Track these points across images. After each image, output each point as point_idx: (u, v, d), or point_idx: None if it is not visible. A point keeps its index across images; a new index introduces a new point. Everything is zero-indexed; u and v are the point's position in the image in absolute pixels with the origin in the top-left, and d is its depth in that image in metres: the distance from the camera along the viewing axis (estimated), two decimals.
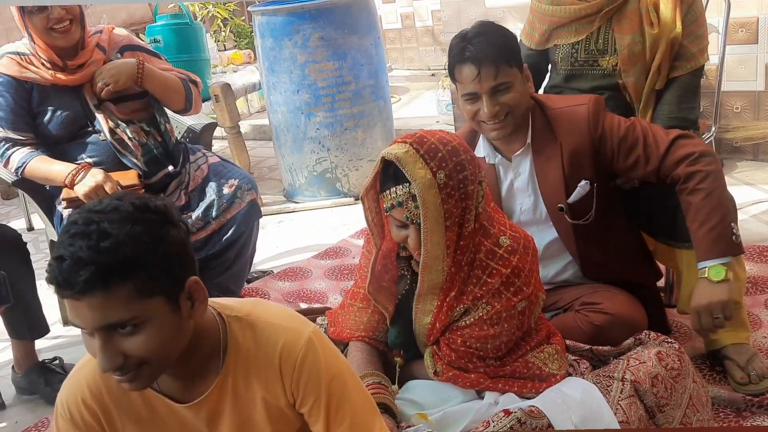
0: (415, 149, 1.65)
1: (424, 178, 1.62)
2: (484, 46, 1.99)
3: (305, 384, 1.32)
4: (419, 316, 1.81)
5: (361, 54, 4.19)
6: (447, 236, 1.68)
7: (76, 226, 1.13)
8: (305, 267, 3.35)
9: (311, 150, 4.26)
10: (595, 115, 2.07)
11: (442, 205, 1.65)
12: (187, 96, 2.75)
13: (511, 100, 2.02)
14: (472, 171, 1.68)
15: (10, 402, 2.61)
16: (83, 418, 1.33)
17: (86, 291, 1.10)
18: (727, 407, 2.13)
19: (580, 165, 2.08)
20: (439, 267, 1.71)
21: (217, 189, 2.72)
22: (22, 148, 2.56)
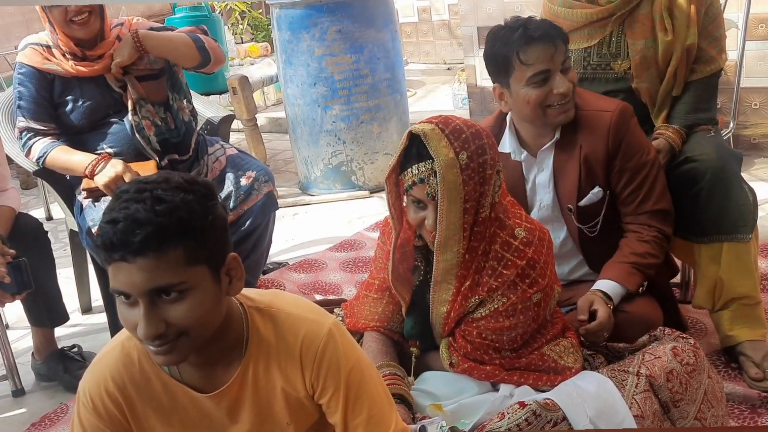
0: (440, 128, 1.67)
1: (447, 157, 1.65)
2: (547, 25, 2.01)
3: (325, 375, 1.33)
4: (436, 305, 1.82)
5: (378, 47, 4.20)
6: (464, 218, 1.70)
7: (128, 194, 1.16)
8: (320, 259, 3.36)
9: (327, 143, 4.28)
10: (617, 126, 2.07)
11: (463, 186, 1.67)
12: (199, 47, 2.66)
13: (574, 77, 2.06)
14: (492, 156, 1.71)
15: (29, 388, 2.65)
16: (106, 408, 1.34)
17: (140, 251, 1.12)
18: (742, 404, 2.13)
19: (594, 171, 2.10)
20: (455, 248, 1.73)
21: (234, 180, 2.74)
22: (44, 138, 2.58)
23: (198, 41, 2.66)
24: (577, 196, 2.11)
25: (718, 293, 2.25)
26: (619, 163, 2.08)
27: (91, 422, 1.35)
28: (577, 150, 2.09)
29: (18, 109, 2.59)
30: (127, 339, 1.34)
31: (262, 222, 2.77)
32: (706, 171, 2.15)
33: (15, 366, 2.61)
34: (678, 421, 1.82)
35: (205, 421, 1.37)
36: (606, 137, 2.07)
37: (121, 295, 1.18)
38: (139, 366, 1.33)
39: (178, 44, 2.63)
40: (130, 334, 1.24)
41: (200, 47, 2.67)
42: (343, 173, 4.32)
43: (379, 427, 1.36)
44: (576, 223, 2.13)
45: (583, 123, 2.10)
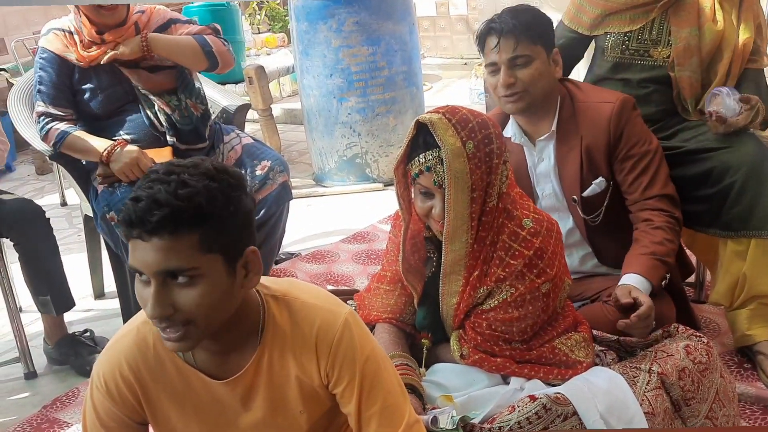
0: (447, 118, 1.68)
1: (454, 146, 1.65)
2: (509, 19, 2.05)
3: (341, 365, 1.33)
4: (446, 297, 1.82)
5: (395, 40, 4.19)
6: (472, 208, 1.70)
7: (157, 174, 1.17)
8: (333, 250, 3.37)
9: (342, 135, 4.28)
10: (617, 116, 2.09)
11: (470, 175, 1.67)
12: (207, 52, 2.67)
13: (528, 75, 2.06)
14: (498, 146, 1.71)
15: (41, 371, 2.67)
16: (119, 391, 1.34)
17: (155, 231, 1.13)
18: (754, 404, 2.12)
19: (596, 162, 2.11)
20: (463, 238, 1.73)
21: (249, 170, 2.74)
22: (61, 123, 2.60)
23: (206, 46, 2.67)
24: (580, 187, 2.12)
25: (739, 290, 2.23)
26: (621, 152, 2.10)
27: (104, 405, 1.36)
28: (578, 141, 2.11)
29: (38, 94, 2.60)
30: (143, 323, 1.34)
31: (276, 212, 2.78)
32: (741, 163, 2.12)
33: (28, 349, 2.63)
34: (689, 420, 1.82)
35: (218, 407, 1.37)
36: (607, 128, 2.09)
37: (137, 272, 1.19)
38: (154, 350, 1.33)
39: (185, 49, 2.65)
40: (146, 317, 1.25)
41: (207, 52, 2.68)
42: (358, 165, 4.32)
43: (393, 417, 1.36)
44: (581, 214, 2.14)
45: (584, 114, 2.13)
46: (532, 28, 2.05)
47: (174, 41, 2.66)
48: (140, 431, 1.41)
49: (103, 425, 1.37)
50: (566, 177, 2.15)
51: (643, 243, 2.05)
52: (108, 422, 1.37)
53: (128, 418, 1.37)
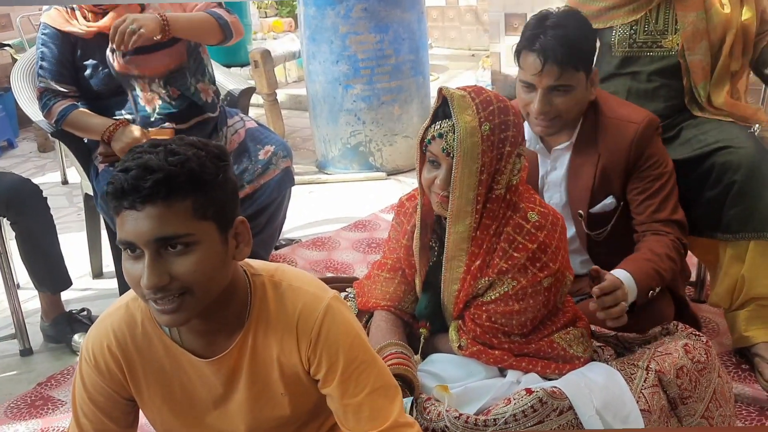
0: (471, 97, 1.67)
1: (469, 124, 1.65)
2: (557, 42, 1.92)
3: (321, 349, 1.31)
4: (447, 284, 1.80)
5: (403, 28, 4.16)
6: (478, 190, 1.69)
7: (142, 147, 1.18)
8: (333, 238, 3.36)
9: (346, 122, 4.26)
10: (640, 139, 2.03)
11: (481, 156, 1.66)
12: (222, 24, 2.63)
13: (565, 103, 1.99)
14: (514, 134, 1.69)
15: (37, 349, 2.67)
16: (107, 365, 1.34)
17: (149, 198, 1.12)
18: (750, 405, 2.12)
19: (610, 180, 2.07)
20: (467, 220, 1.71)
21: (252, 154, 2.73)
22: (64, 99, 2.58)
23: (220, 18, 2.64)
24: (589, 203, 2.08)
25: (737, 292, 2.22)
26: (636, 171, 2.06)
27: (92, 378, 1.36)
28: (595, 157, 2.06)
29: (40, 70, 2.59)
30: (132, 300, 1.34)
31: (277, 197, 2.77)
32: (741, 164, 2.10)
33: (24, 326, 2.63)
34: (685, 419, 1.81)
35: (203, 387, 1.37)
36: (628, 149, 2.03)
37: (127, 249, 1.17)
38: (142, 328, 1.33)
39: (202, 24, 2.62)
40: (135, 293, 1.24)
41: (223, 24, 2.65)
42: (361, 154, 4.31)
43: (377, 413, 1.33)
44: (585, 229, 2.10)
45: (606, 130, 2.06)
46: (578, 54, 1.96)
47: (190, 19, 2.61)
48: (128, 407, 1.41)
49: (90, 399, 1.38)
50: (576, 190, 2.10)
51: (644, 251, 2.02)
52: (96, 396, 1.37)
53: (116, 392, 1.38)
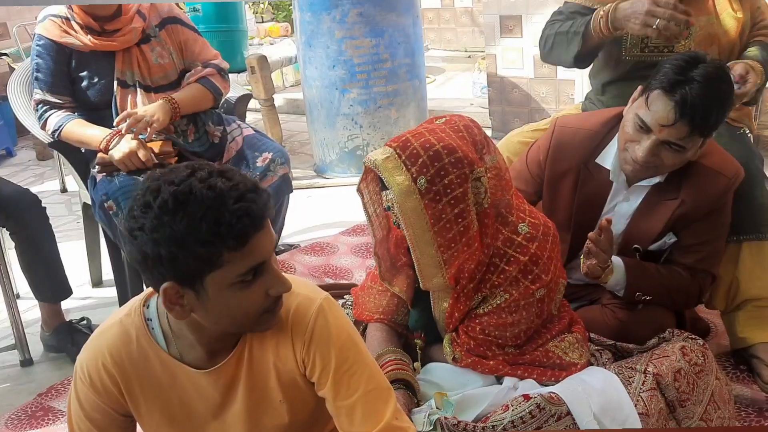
0: (397, 154, 1.63)
1: (403, 185, 1.60)
2: (701, 102, 1.79)
3: (315, 351, 1.33)
4: (436, 302, 1.80)
5: (398, 32, 4.17)
6: (439, 242, 1.64)
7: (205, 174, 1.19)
8: (332, 242, 3.36)
9: (344, 126, 4.26)
10: (727, 193, 1.98)
11: (426, 211, 1.61)
12: (215, 96, 2.75)
13: (671, 160, 1.90)
14: (458, 174, 1.62)
15: (37, 359, 2.66)
16: (102, 383, 1.35)
17: (267, 215, 1.21)
18: (749, 407, 2.11)
19: (682, 224, 2.00)
20: (439, 274, 1.68)
21: (250, 161, 2.73)
22: (60, 110, 2.58)
23: (215, 90, 2.74)
24: (652, 241, 2.03)
25: (732, 294, 2.22)
26: (704, 216, 1.99)
27: (88, 396, 1.36)
28: (676, 201, 1.97)
29: (35, 81, 2.59)
30: (125, 316, 1.35)
31: (275, 204, 2.77)
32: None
33: (24, 336, 2.62)
34: (683, 422, 1.81)
35: (202, 399, 1.37)
36: (715, 201, 1.97)
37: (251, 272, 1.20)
38: (137, 343, 1.34)
39: (201, 99, 2.71)
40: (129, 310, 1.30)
41: (216, 95, 2.76)
42: (359, 158, 4.31)
43: (370, 413, 1.34)
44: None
45: (694, 178, 1.96)
46: (715, 123, 1.85)
47: (194, 97, 2.69)
48: (125, 423, 1.42)
49: (87, 417, 1.38)
50: (642, 227, 2.02)
51: (663, 270, 2.00)
52: (92, 414, 1.38)
53: (112, 410, 1.38)
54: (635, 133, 1.89)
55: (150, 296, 1.36)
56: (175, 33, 2.71)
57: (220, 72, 2.78)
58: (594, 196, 2.07)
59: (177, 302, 1.22)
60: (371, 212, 1.80)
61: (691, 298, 2.08)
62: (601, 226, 1.81)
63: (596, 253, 1.84)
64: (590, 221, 2.09)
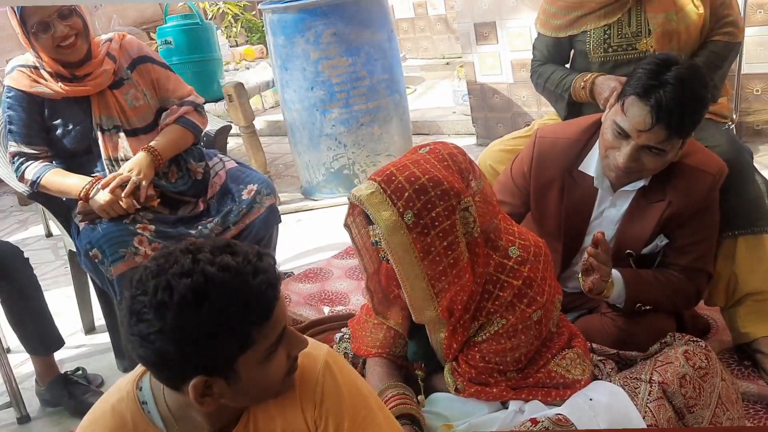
0: (382, 189, 1.60)
1: (389, 220, 1.58)
2: (676, 105, 1.79)
3: (326, 411, 1.30)
4: (433, 333, 1.78)
5: (374, 48, 4.15)
6: (429, 275, 1.62)
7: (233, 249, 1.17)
8: (325, 267, 3.33)
9: (328, 147, 4.24)
10: (713, 190, 1.98)
11: (415, 245, 1.59)
12: (195, 134, 2.73)
13: (652, 163, 1.89)
14: (445, 206, 1.60)
15: (35, 414, 2.62)
16: None
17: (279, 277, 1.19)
18: (757, 403, 2.09)
19: (672, 225, 2.00)
20: (431, 307, 1.66)
21: (236, 194, 2.70)
22: (36, 161, 2.55)
23: (194, 128, 2.72)
24: (644, 245, 2.03)
25: (731, 289, 2.21)
26: (688, 216, 1.99)
27: None
28: (664, 203, 1.97)
29: (9, 134, 2.55)
30: (118, 402, 1.30)
31: (265, 235, 2.74)
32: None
33: (19, 392, 2.57)
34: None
35: None
36: (701, 200, 1.96)
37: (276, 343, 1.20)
38: (134, 427, 1.29)
39: (182, 140, 2.69)
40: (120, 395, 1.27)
41: (196, 132, 2.74)
42: (346, 177, 4.28)
43: None
44: (633, 267, 2.04)
45: (681, 178, 1.96)
46: (691, 124, 1.85)
47: (174, 140, 2.67)
48: None
49: None
50: (632, 232, 2.02)
51: (658, 276, 2.00)
52: None
53: None
54: (614, 139, 1.90)
55: (141, 377, 1.31)
56: (147, 72, 2.68)
57: (197, 108, 2.75)
58: (581, 203, 2.07)
59: (207, 394, 1.17)
60: (360, 246, 1.78)
61: (691, 300, 2.08)
62: (596, 239, 1.80)
63: (597, 267, 1.82)
64: (579, 229, 2.09)
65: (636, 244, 2.03)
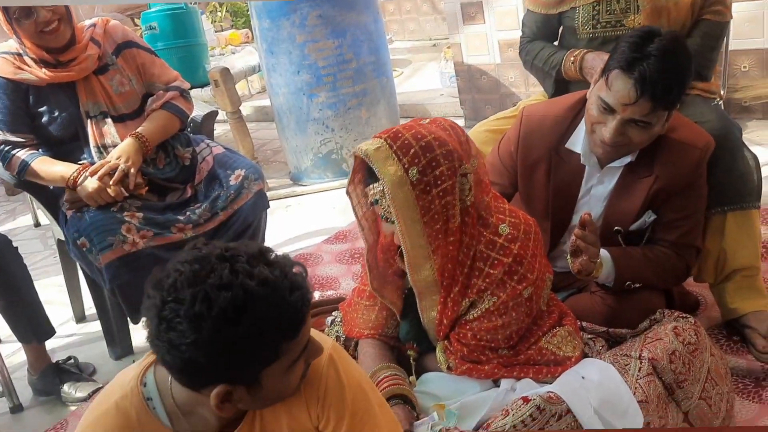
0: (388, 144, 1.61)
1: (395, 175, 1.58)
2: (660, 77, 1.78)
3: (330, 406, 1.33)
4: (425, 311, 1.79)
5: (360, 30, 4.13)
6: (428, 233, 1.64)
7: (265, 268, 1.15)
8: (315, 252, 3.33)
9: (315, 131, 4.22)
10: (701, 164, 1.97)
11: (417, 202, 1.60)
12: (182, 120, 2.73)
13: (638, 137, 1.89)
14: (449, 166, 1.62)
15: (27, 404, 2.62)
16: None
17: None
18: (746, 377, 2.12)
19: (660, 201, 2.00)
20: (427, 265, 1.68)
21: (223, 180, 2.70)
22: (22, 150, 2.53)
23: (181, 113, 2.71)
24: (632, 221, 2.02)
25: (720, 265, 2.23)
26: (677, 191, 1.99)
27: None
28: (651, 179, 1.97)
29: None
30: (121, 398, 1.29)
31: (253, 221, 2.73)
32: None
33: (11, 382, 2.57)
34: (683, 402, 1.81)
35: None
36: (688, 173, 1.96)
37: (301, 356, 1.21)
38: (139, 425, 1.28)
39: (169, 125, 2.68)
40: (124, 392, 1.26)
41: (183, 117, 2.73)
42: (334, 161, 4.28)
43: None
44: (622, 244, 2.03)
45: (668, 153, 1.96)
46: (676, 95, 1.85)
47: (161, 126, 2.65)
48: None
49: None
50: (620, 208, 2.03)
51: (647, 253, 2.00)
52: None
53: None
54: (600, 114, 1.90)
55: (145, 372, 1.30)
56: (132, 57, 2.66)
57: (183, 94, 2.74)
58: (568, 181, 2.07)
59: (227, 400, 1.17)
60: (360, 216, 1.78)
61: (680, 275, 2.08)
62: (583, 220, 1.80)
63: (585, 248, 1.83)
64: (567, 207, 2.09)
65: (624, 220, 2.03)
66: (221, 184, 2.70)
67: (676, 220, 2.01)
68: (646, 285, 2.00)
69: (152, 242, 2.48)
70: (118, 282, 2.46)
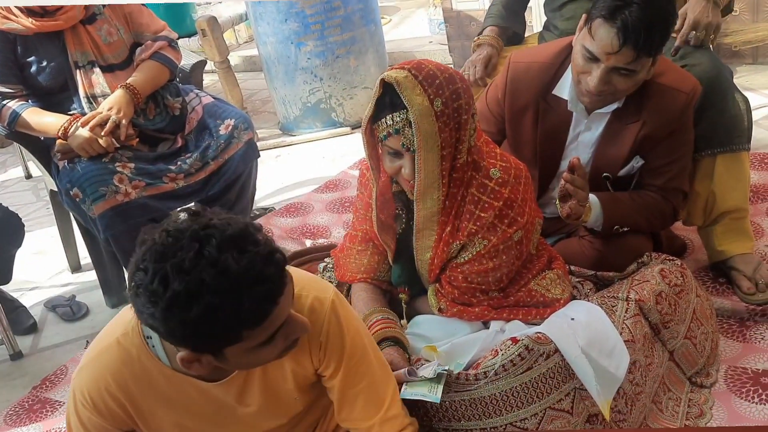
0: (413, 75, 1.61)
1: (422, 105, 1.59)
2: (643, 24, 1.77)
3: (330, 350, 1.37)
4: (420, 252, 1.81)
5: None
6: (442, 166, 1.67)
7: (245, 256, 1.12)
8: (306, 202, 3.34)
9: (304, 81, 4.19)
10: (687, 109, 1.97)
11: (439, 134, 1.62)
12: (171, 70, 2.71)
13: (624, 84, 1.89)
14: (466, 101, 1.65)
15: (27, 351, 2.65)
16: (107, 407, 1.33)
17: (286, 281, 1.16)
18: (730, 318, 2.17)
19: (647, 146, 2.00)
20: (435, 196, 1.71)
21: (213, 130, 2.70)
22: (12, 100, 2.52)
23: (169, 63, 2.70)
24: (620, 167, 2.04)
25: (709, 208, 2.25)
26: (665, 137, 1.99)
27: (93, 420, 1.35)
28: (638, 124, 1.97)
29: None
30: (122, 336, 1.32)
31: (244, 170, 2.75)
32: (699, 81, 2.06)
33: (9, 329, 2.60)
34: (668, 342, 1.86)
35: (213, 406, 1.38)
36: (676, 119, 1.96)
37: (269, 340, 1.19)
38: (139, 362, 1.31)
39: (159, 76, 2.67)
40: (125, 329, 1.29)
41: (172, 67, 2.71)
42: (323, 111, 4.26)
43: (375, 398, 1.43)
44: (611, 190, 2.05)
45: (653, 98, 1.96)
46: (659, 42, 1.84)
47: (151, 77, 2.64)
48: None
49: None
50: (608, 153, 2.03)
51: (635, 198, 2.02)
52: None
53: (118, 429, 1.38)
54: (585, 63, 1.90)
55: None
56: (119, 6, 2.63)
57: (171, 44, 2.72)
58: (556, 128, 2.08)
59: (194, 361, 1.19)
60: (370, 155, 1.76)
61: (668, 219, 2.11)
62: (572, 164, 1.82)
63: (574, 192, 1.85)
64: (555, 154, 2.11)
65: (612, 166, 2.04)
66: (211, 133, 2.70)
67: (663, 165, 2.03)
68: (634, 229, 2.03)
69: (145, 192, 2.49)
70: (111, 232, 2.48)
